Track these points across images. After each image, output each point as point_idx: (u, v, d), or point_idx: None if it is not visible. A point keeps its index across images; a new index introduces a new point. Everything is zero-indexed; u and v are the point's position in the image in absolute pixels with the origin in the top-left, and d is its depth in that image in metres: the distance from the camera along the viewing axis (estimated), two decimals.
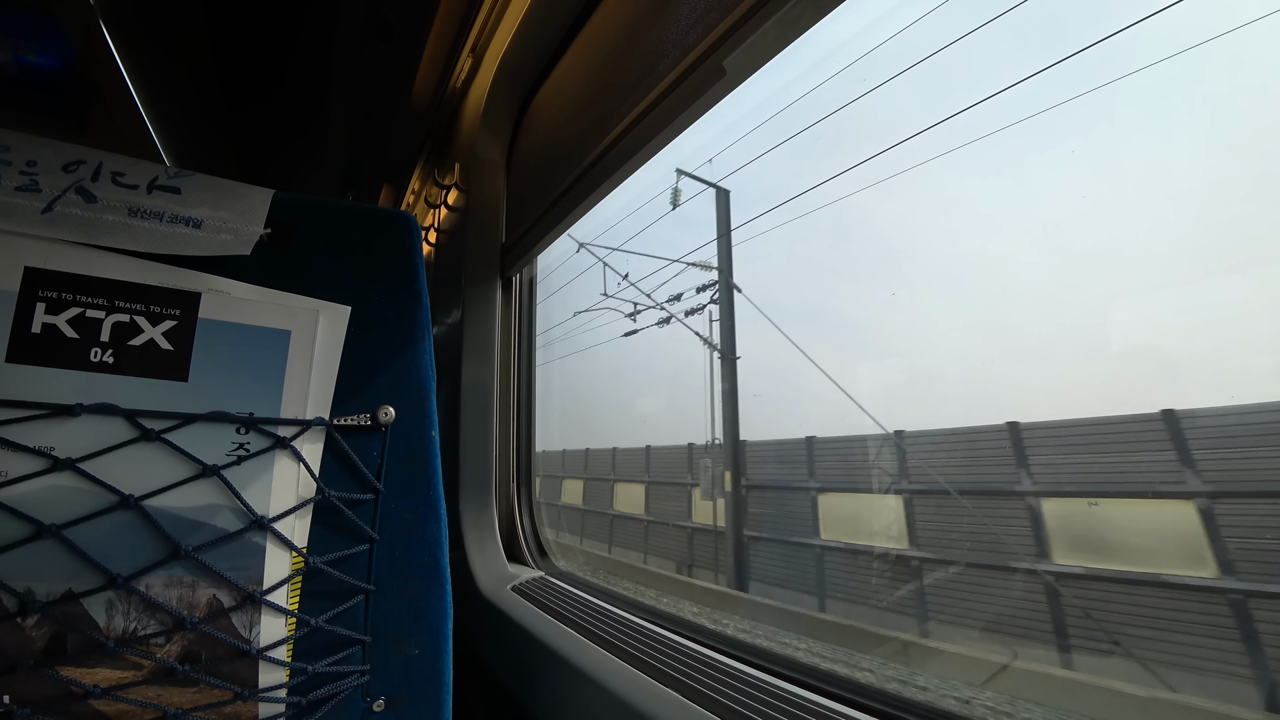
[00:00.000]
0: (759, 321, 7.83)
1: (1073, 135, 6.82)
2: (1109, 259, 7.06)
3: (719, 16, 0.83)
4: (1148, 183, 7.53)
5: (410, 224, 0.79)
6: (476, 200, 1.60)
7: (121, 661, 0.54)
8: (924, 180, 7.35)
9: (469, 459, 1.46)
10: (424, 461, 0.73)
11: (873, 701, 0.73)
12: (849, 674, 0.80)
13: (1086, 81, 4.68)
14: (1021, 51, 3.60)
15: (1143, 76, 4.33)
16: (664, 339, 9.65)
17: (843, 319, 13.15)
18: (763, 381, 8.46)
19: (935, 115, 4.49)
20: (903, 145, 5.42)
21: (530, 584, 1.29)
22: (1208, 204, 6.21)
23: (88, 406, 0.56)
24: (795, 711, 0.70)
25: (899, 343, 9.54)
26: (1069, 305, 7.24)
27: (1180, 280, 6.14)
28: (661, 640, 0.93)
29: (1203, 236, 6.04)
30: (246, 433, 0.62)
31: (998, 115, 4.51)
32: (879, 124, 6.62)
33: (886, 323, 10.17)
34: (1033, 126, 5.19)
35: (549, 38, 1.44)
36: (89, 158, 0.65)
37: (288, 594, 0.62)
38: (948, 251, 10.41)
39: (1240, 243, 5.28)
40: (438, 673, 0.70)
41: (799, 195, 7.21)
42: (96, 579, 0.54)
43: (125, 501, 0.55)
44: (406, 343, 0.74)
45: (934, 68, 5.04)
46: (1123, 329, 5.39)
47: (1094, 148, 7.25)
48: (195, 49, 1.77)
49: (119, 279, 0.60)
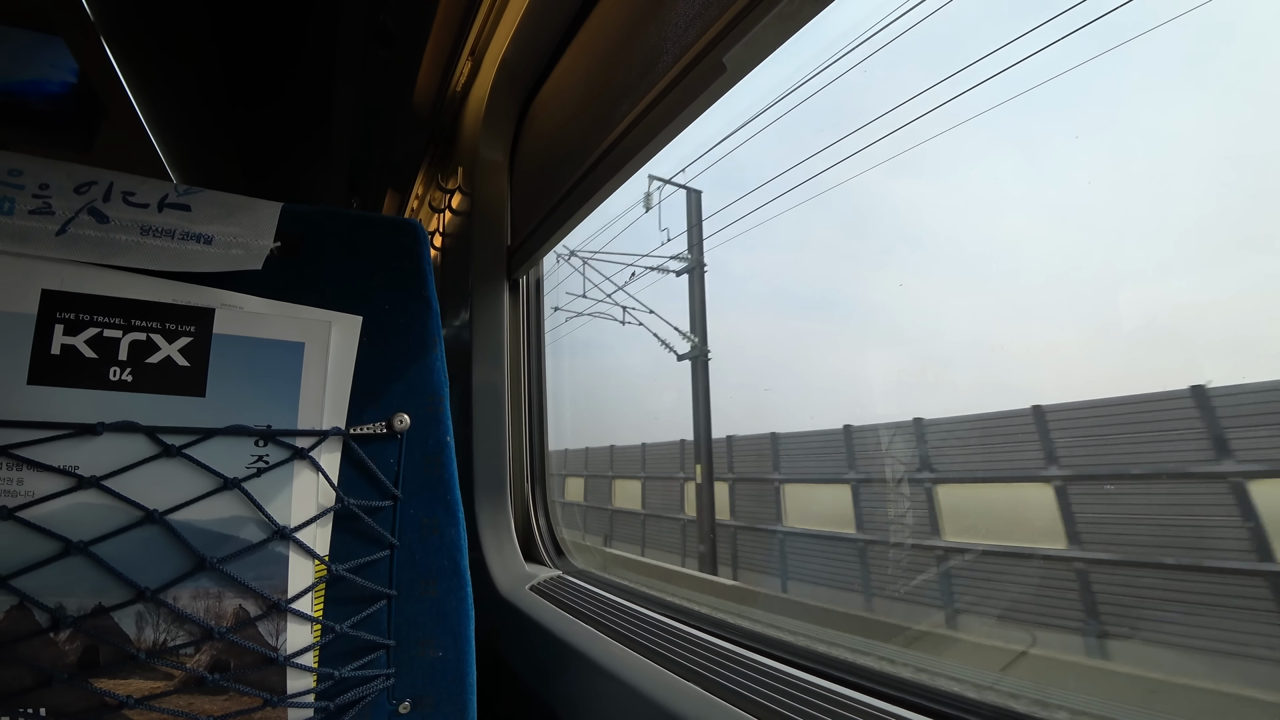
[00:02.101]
0: (771, 310, 7.91)
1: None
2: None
3: (718, 12, 0.83)
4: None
5: (418, 231, 0.80)
6: (481, 203, 1.61)
7: (153, 672, 0.55)
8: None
9: (483, 461, 1.47)
10: (440, 466, 0.74)
11: (902, 693, 0.73)
12: (876, 666, 0.80)
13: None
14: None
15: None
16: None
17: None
18: (773, 373, 8.53)
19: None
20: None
21: (548, 583, 1.30)
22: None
23: (109, 425, 0.57)
24: (821, 704, 0.70)
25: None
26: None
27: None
28: (683, 636, 0.94)
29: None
30: (265, 445, 0.62)
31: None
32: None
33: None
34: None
35: (548, 38, 1.44)
36: (100, 178, 0.66)
37: (312, 601, 0.63)
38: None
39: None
40: (461, 674, 0.71)
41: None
42: (126, 593, 0.55)
43: (150, 516, 0.56)
44: (418, 349, 0.75)
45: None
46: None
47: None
48: (197, 60, 1.78)
49: (134, 298, 0.61)
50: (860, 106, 6.32)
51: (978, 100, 4.66)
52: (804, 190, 6.88)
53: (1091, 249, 7.25)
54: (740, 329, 10.40)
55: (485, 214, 1.60)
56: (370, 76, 1.77)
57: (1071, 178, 8.42)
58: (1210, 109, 6.81)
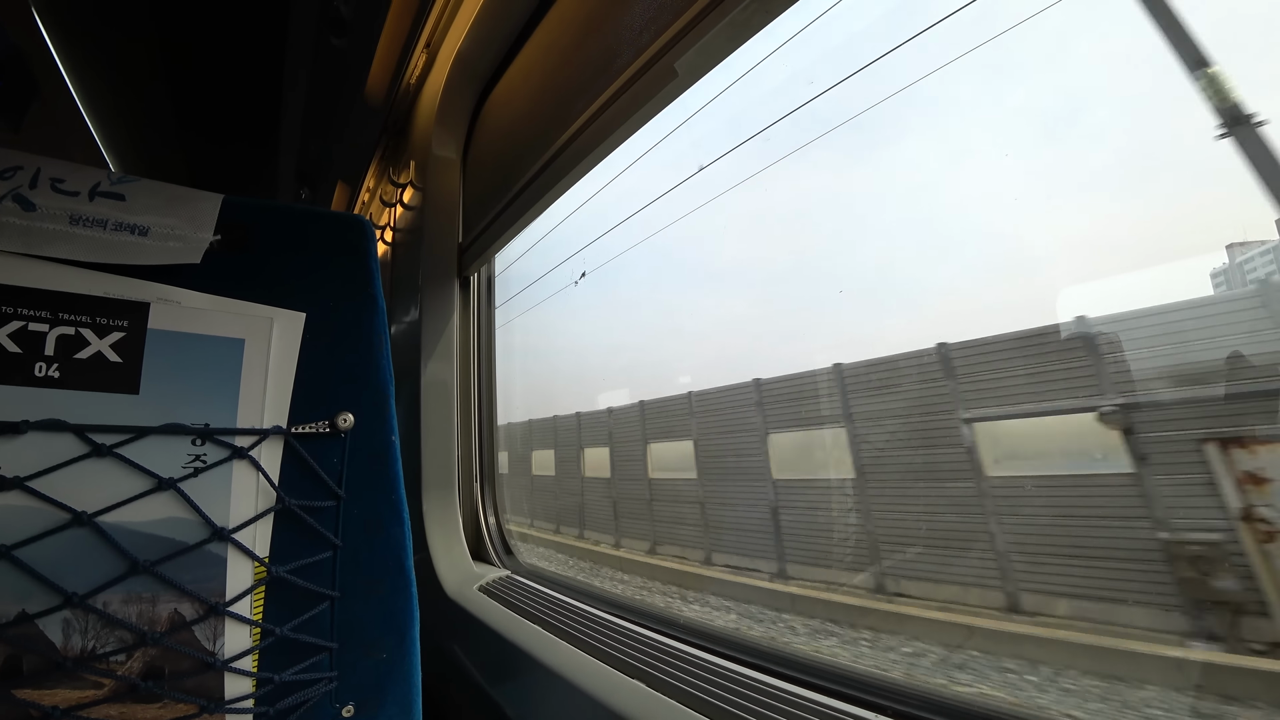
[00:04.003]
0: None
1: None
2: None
3: (671, 18, 0.84)
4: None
5: (365, 228, 0.78)
6: (433, 199, 1.59)
7: (81, 681, 0.53)
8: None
9: (431, 460, 1.45)
10: (385, 465, 0.73)
11: (842, 687, 0.76)
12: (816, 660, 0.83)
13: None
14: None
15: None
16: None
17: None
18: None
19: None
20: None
21: (497, 583, 1.29)
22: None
23: (34, 423, 0.54)
24: (762, 699, 0.72)
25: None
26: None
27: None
28: (630, 634, 0.95)
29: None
30: (202, 444, 0.61)
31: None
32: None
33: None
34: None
35: (504, 34, 1.43)
36: (26, 163, 0.63)
37: (251, 604, 0.61)
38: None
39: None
40: (406, 675, 0.70)
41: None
42: (51, 599, 0.53)
43: (78, 519, 0.54)
44: (364, 347, 0.74)
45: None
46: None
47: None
48: (139, 41, 1.70)
49: (63, 290, 0.59)
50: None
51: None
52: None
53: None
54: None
55: (437, 210, 1.59)
56: (323, 65, 1.72)
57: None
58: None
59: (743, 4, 0.75)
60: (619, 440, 8.72)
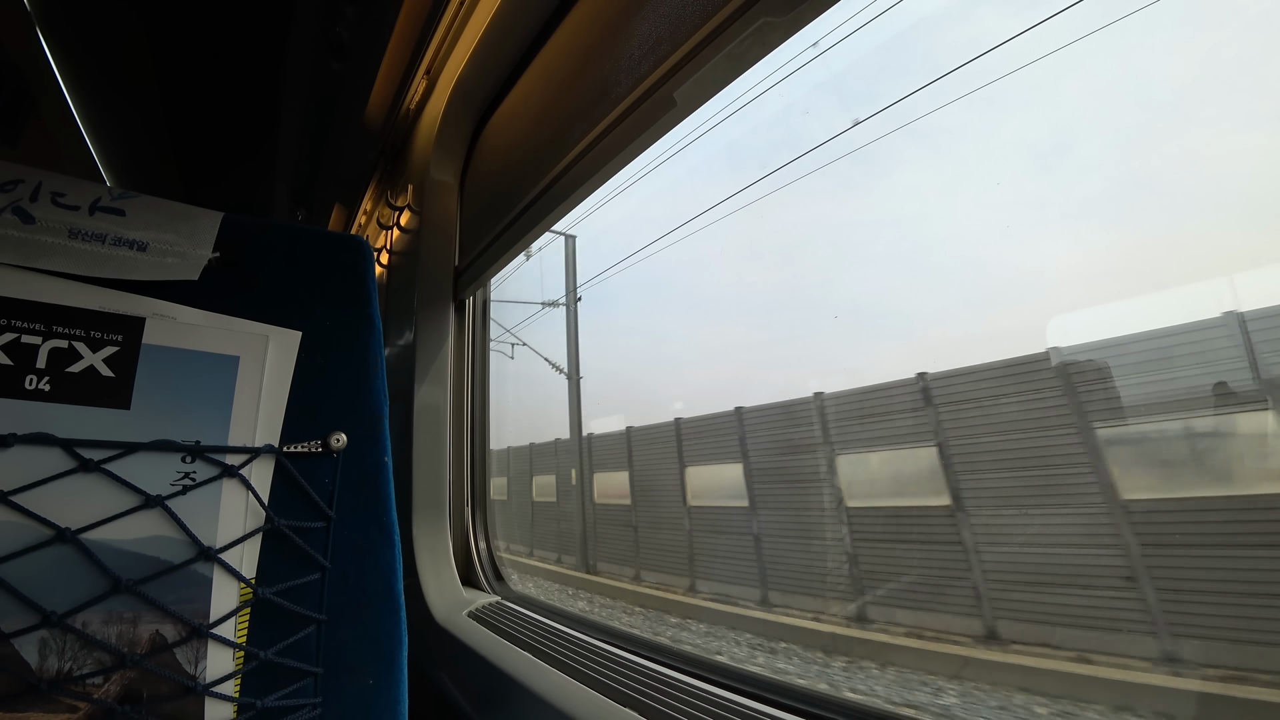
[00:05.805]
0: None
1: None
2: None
3: (670, 49, 0.86)
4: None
5: (363, 248, 0.79)
6: (430, 222, 1.59)
7: (55, 704, 0.51)
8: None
9: (422, 484, 1.44)
10: (377, 487, 0.72)
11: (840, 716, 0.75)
12: (806, 686, 0.82)
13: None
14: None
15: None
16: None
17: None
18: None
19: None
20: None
21: (487, 609, 1.27)
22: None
23: (21, 436, 0.53)
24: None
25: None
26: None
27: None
28: (620, 661, 0.93)
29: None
30: (192, 461, 0.60)
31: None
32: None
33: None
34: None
35: (504, 62, 1.45)
36: (27, 177, 0.63)
37: (235, 626, 0.60)
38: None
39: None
40: (393, 702, 0.68)
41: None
42: (29, 617, 0.51)
43: (61, 535, 0.53)
44: (358, 367, 0.74)
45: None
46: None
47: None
48: (138, 60, 1.72)
49: (57, 303, 0.59)
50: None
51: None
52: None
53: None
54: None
55: (434, 233, 1.59)
56: (321, 88, 1.74)
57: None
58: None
59: (741, 36, 0.76)
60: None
